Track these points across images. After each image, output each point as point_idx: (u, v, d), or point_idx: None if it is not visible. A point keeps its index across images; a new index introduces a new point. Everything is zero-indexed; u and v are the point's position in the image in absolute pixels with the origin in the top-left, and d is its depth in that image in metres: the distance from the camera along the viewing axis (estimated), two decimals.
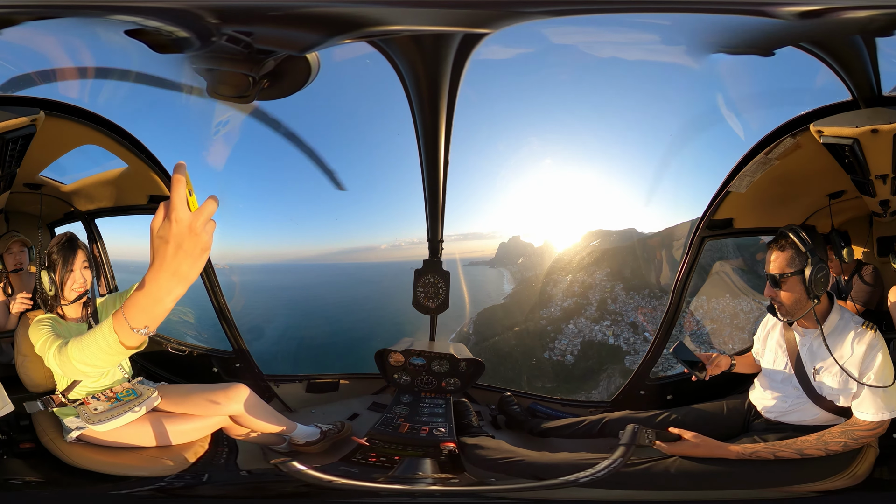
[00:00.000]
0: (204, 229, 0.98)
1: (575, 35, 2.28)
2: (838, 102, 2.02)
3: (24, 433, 2.07)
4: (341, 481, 1.89)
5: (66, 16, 1.83)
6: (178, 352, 2.78)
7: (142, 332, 1.12)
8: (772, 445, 1.89)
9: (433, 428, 2.31)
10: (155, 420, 2.04)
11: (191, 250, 0.98)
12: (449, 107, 2.28)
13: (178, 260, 0.98)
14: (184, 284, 1.02)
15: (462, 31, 1.88)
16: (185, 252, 0.98)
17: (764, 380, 2.10)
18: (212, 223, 1.00)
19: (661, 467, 1.90)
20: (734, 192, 2.47)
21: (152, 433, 2.01)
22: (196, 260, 0.99)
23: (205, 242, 0.99)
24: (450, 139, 2.46)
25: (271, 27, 1.85)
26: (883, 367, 1.80)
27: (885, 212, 2.22)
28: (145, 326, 1.11)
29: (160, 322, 1.11)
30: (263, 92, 2.20)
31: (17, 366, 2.11)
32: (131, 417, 2.01)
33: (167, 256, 0.98)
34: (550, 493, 1.89)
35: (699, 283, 2.72)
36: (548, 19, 1.95)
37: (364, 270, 2.85)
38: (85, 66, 2.19)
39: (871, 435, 1.85)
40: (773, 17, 1.67)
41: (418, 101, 2.29)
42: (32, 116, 2.07)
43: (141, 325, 1.11)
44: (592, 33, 2.26)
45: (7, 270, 2.42)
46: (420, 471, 2.09)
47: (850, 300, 2.33)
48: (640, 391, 2.68)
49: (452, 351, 2.83)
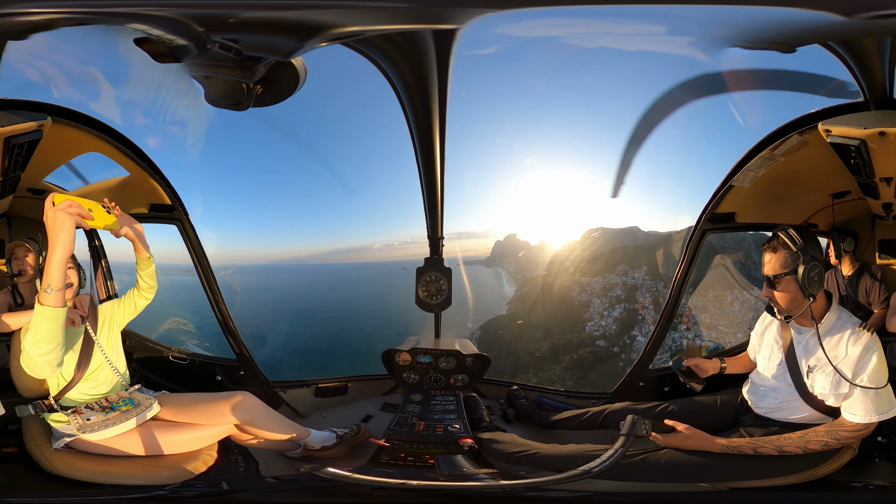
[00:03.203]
0: (54, 216, 1.55)
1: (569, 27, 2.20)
2: (848, 103, 1.99)
3: (10, 438, 2.06)
4: (385, 481, 1.92)
5: (70, 25, 1.79)
6: (179, 360, 2.81)
7: (47, 290, 1.59)
8: (754, 441, 1.93)
9: (448, 425, 2.35)
10: (153, 429, 2.00)
11: (50, 228, 1.57)
12: (441, 104, 2.24)
13: (51, 234, 1.57)
14: (58, 248, 1.56)
15: (428, 27, 1.85)
16: (49, 230, 1.57)
17: (758, 375, 2.14)
18: (63, 212, 1.55)
19: (653, 459, 1.97)
20: (737, 186, 2.45)
21: (148, 442, 1.96)
22: (53, 232, 1.56)
23: (53, 222, 1.56)
24: (444, 135, 2.42)
25: (255, 34, 1.83)
26: (877, 369, 1.82)
27: (888, 215, 2.22)
28: (48, 285, 1.59)
29: (57, 281, 1.58)
30: (257, 99, 2.18)
31: (11, 370, 2.12)
32: (125, 428, 1.96)
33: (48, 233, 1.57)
34: (570, 485, 1.94)
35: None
36: (541, 8, 1.89)
37: (358, 270, 2.86)
38: (90, 75, 2.17)
39: (855, 436, 1.89)
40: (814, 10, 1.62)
41: (409, 100, 2.26)
42: (39, 122, 2.04)
43: (45, 286, 1.59)
44: (588, 24, 2.17)
45: (13, 276, 2.42)
46: (452, 468, 2.13)
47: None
48: (639, 382, 2.77)
49: (458, 347, 2.88)
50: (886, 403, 1.83)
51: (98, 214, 1.73)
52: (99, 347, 2.09)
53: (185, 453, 2.01)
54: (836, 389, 1.87)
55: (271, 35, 1.82)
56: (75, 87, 2.20)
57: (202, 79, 2.12)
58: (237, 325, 2.79)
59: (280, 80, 2.10)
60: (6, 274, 2.44)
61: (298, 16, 1.72)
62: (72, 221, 1.59)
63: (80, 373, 2.02)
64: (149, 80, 2.26)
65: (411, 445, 2.24)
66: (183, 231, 2.71)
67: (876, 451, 2.01)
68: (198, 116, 2.40)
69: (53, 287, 1.59)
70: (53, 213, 1.57)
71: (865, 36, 1.75)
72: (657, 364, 2.78)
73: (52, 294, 1.60)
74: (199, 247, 2.74)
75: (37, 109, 2.09)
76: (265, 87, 2.12)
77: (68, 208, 1.58)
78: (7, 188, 2.30)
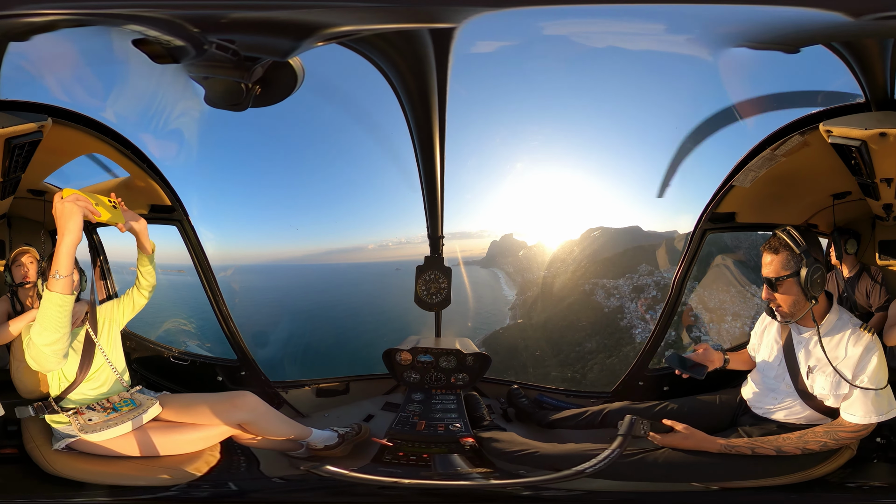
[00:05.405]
0: (63, 206, 1.63)
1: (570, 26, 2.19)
2: (850, 104, 1.98)
3: (10, 439, 2.07)
4: (388, 480, 1.93)
5: (71, 26, 1.80)
6: (180, 361, 2.81)
7: (55, 276, 1.63)
8: (753, 441, 1.93)
9: (449, 424, 2.36)
10: (155, 429, 2.00)
11: (58, 218, 1.64)
12: (440, 102, 2.24)
13: (59, 224, 1.64)
14: (67, 237, 1.63)
15: (424, 26, 1.85)
16: (58, 220, 1.64)
17: (757, 375, 2.13)
18: (71, 203, 1.63)
19: (651, 458, 1.96)
20: (738, 186, 2.45)
21: (150, 443, 1.96)
22: (62, 222, 1.63)
23: (62, 212, 1.63)
24: (444, 134, 2.42)
25: (251, 34, 1.83)
26: (877, 370, 1.81)
27: (889, 216, 2.22)
28: (56, 271, 1.62)
29: (66, 267, 1.62)
30: (256, 99, 2.19)
31: (11, 371, 2.13)
32: (127, 428, 1.96)
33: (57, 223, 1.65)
34: (569, 484, 1.96)
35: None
36: (540, 8, 1.89)
37: (354, 271, 2.86)
38: (90, 76, 2.17)
39: (854, 437, 1.89)
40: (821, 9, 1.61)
41: (408, 100, 2.26)
42: (40, 123, 2.04)
43: (53, 272, 1.63)
44: (590, 23, 2.16)
45: (15, 284, 2.43)
46: (453, 467, 2.14)
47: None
48: (638, 382, 2.77)
49: (458, 346, 2.89)
50: (886, 404, 1.83)
51: (104, 209, 1.79)
52: (99, 348, 2.10)
53: (187, 454, 2.01)
54: (836, 390, 1.86)
55: (267, 35, 1.83)
56: (75, 89, 2.20)
57: (201, 80, 2.13)
58: (238, 326, 2.79)
59: (278, 80, 2.11)
60: (6, 282, 2.44)
61: (294, 15, 1.73)
62: (80, 212, 1.65)
63: (82, 374, 2.03)
64: (148, 81, 2.26)
65: (413, 444, 2.25)
66: (183, 232, 2.71)
67: (875, 451, 2.01)
68: (197, 117, 2.40)
69: (62, 273, 1.63)
70: (62, 205, 1.63)
71: (871, 36, 1.74)
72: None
73: (60, 280, 1.64)
74: (200, 247, 2.74)
75: (37, 110, 2.09)
76: (264, 87, 2.13)
77: (76, 201, 1.64)
78: (7, 189, 2.31)
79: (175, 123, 2.42)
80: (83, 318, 2.12)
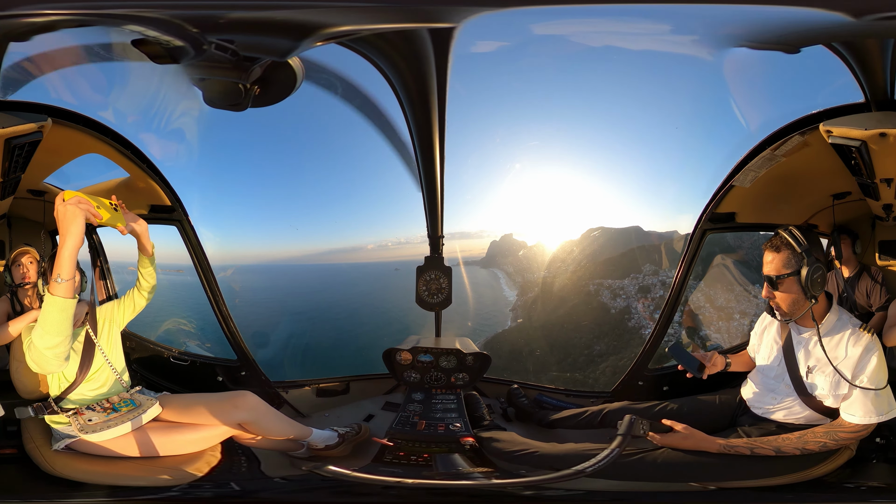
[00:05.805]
0: (65, 209, 1.62)
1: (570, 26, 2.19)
2: (850, 104, 1.98)
3: (9, 439, 2.07)
4: (389, 480, 1.94)
5: (71, 27, 1.80)
6: (180, 361, 2.81)
7: (57, 280, 1.62)
8: (752, 441, 1.93)
9: (449, 424, 2.36)
10: (155, 430, 1.99)
11: (60, 221, 1.63)
12: (440, 102, 2.24)
13: (61, 227, 1.64)
14: (69, 240, 1.62)
15: (423, 26, 1.85)
16: (60, 223, 1.63)
17: (756, 375, 2.13)
18: (73, 206, 1.62)
19: (650, 458, 1.97)
20: (738, 186, 2.45)
21: (150, 443, 1.96)
22: (65, 225, 1.63)
23: (64, 215, 1.63)
24: (444, 133, 2.42)
25: (250, 34, 1.84)
26: (877, 370, 1.81)
27: (888, 216, 2.22)
28: (58, 275, 1.62)
29: (68, 271, 1.62)
30: (256, 99, 2.19)
31: (11, 371, 2.13)
32: (127, 429, 1.96)
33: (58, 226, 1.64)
34: (568, 484, 1.96)
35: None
36: (537, 8, 1.89)
37: (353, 271, 2.85)
38: (90, 77, 2.17)
39: (853, 437, 1.89)
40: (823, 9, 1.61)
41: (408, 99, 2.26)
42: (40, 123, 2.04)
43: (55, 276, 1.62)
44: (590, 23, 2.16)
45: (15, 284, 2.43)
46: (454, 466, 2.14)
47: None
48: (638, 382, 2.77)
49: (459, 346, 2.88)
50: (886, 405, 1.83)
51: (105, 212, 1.79)
52: (99, 349, 2.10)
53: (188, 454, 2.00)
54: (836, 390, 1.87)
55: (267, 35, 1.83)
56: (75, 89, 2.20)
57: (200, 80, 2.13)
58: (238, 326, 2.79)
59: (277, 80, 2.11)
60: (6, 282, 2.44)
61: (293, 15, 1.73)
62: (82, 214, 1.64)
63: (82, 374, 2.03)
64: (148, 81, 2.26)
65: (413, 444, 2.25)
66: (183, 232, 2.71)
67: (874, 452, 2.01)
68: (197, 117, 2.40)
69: (64, 277, 1.63)
70: (64, 207, 1.63)
71: (872, 37, 1.74)
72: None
73: (62, 284, 1.63)
74: (199, 247, 2.75)
75: (37, 111, 2.10)
76: (263, 87, 2.13)
77: (78, 204, 1.64)
78: (7, 189, 2.31)
79: (175, 124, 2.42)
80: (83, 319, 2.12)
